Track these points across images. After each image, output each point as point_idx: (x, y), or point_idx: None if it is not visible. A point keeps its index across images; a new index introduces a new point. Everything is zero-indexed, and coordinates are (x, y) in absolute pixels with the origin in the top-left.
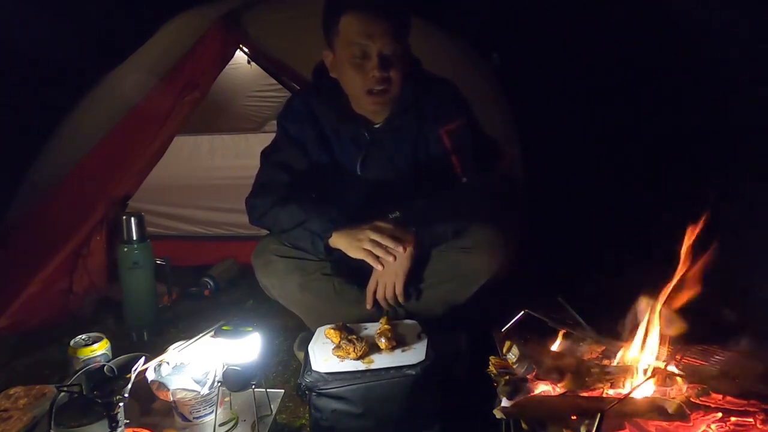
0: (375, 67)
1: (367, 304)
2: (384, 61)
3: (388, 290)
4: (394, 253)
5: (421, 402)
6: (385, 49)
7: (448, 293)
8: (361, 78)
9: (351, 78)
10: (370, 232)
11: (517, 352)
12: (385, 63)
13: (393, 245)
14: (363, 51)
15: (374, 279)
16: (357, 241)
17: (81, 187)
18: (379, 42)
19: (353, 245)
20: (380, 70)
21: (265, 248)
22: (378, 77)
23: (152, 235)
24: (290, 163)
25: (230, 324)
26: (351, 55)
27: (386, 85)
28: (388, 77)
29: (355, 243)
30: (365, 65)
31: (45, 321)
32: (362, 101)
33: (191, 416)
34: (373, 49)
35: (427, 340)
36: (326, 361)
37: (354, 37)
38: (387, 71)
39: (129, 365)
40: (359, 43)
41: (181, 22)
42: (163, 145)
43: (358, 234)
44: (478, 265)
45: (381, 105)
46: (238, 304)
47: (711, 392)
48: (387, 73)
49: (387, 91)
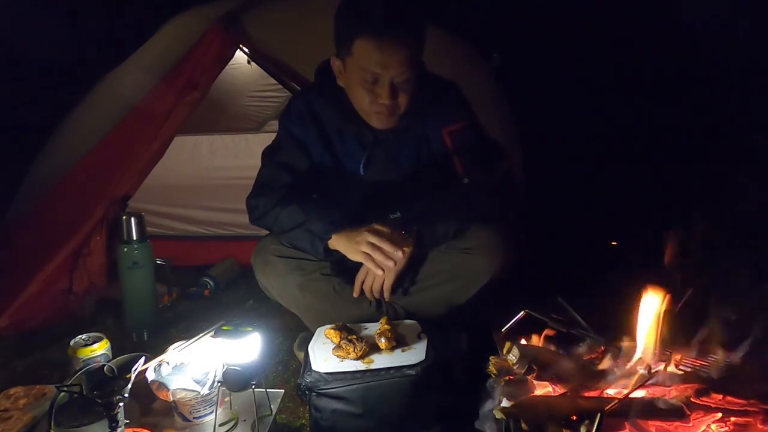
0: (386, 95)
1: (354, 292)
2: (394, 90)
3: (376, 284)
4: (393, 258)
5: (421, 402)
6: (398, 78)
7: (449, 294)
8: (369, 100)
9: (359, 96)
10: (369, 235)
11: (517, 353)
12: (395, 92)
13: (391, 249)
14: (375, 78)
15: (365, 269)
16: (355, 244)
17: (81, 187)
18: (393, 71)
19: (351, 248)
20: (390, 98)
21: (265, 248)
22: (388, 105)
23: (152, 235)
24: (292, 163)
25: (230, 324)
26: (362, 79)
27: (394, 108)
28: (397, 103)
29: (353, 246)
30: (375, 90)
31: (45, 321)
32: (367, 116)
33: (191, 416)
34: (386, 78)
35: (427, 340)
36: (326, 361)
37: (367, 64)
38: (397, 98)
39: (129, 365)
40: (373, 71)
41: (180, 22)
42: (163, 145)
43: (356, 237)
44: (479, 266)
45: (386, 122)
46: (238, 304)
47: (711, 392)
48: (396, 100)
49: (394, 112)
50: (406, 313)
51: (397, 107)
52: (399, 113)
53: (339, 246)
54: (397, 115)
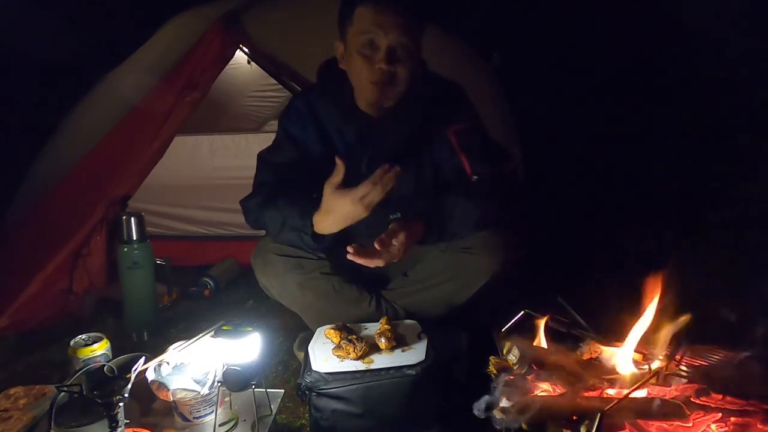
0: (382, 59)
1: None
2: (391, 55)
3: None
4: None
5: (421, 402)
6: (395, 42)
7: (449, 294)
8: (367, 69)
9: (358, 68)
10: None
11: (517, 353)
12: (392, 57)
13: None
14: (372, 41)
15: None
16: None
17: (81, 187)
18: (389, 34)
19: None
20: (386, 63)
21: (265, 247)
22: (384, 69)
23: (152, 235)
24: (289, 163)
25: (230, 324)
26: (360, 45)
27: (392, 80)
28: (394, 72)
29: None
30: (373, 56)
31: (45, 321)
32: (366, 91)
33: (191, 416)
34: (382, 40)
35: (427, 340)
36: (326, 361)
37: (365, 27)
38: (393, 65)
39: (129, 365)
40: (369, 33)
41: (180, 22)
42: (163, 145)
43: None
44: (479, 266)
45: (384, 97)
46: (238, 304)
47: (711, 392)
48: (393, 67)
49: (392, 85)
50: (406, 313)
51: (395, 79)
52: (397, 90)
53: (328, 224)
54: (395, 92)
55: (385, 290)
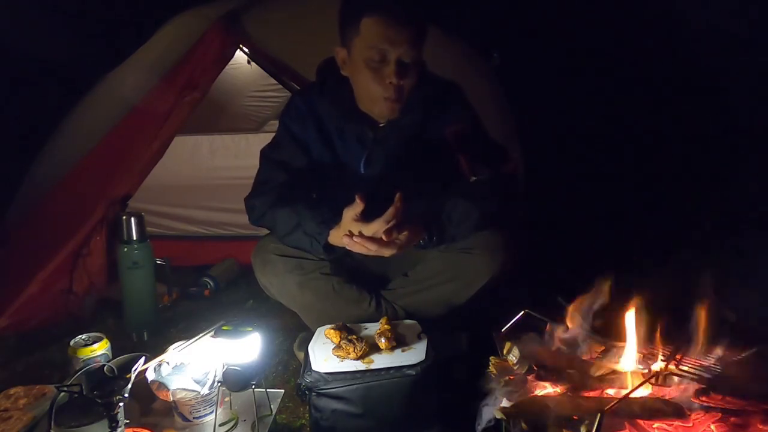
0: (392, 73)
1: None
2: (401, 69)
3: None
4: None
5: (421, 402)
6: (405, 57)
7: (449, 294)
8: (377, 84)
9: (366, 81)
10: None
11: (517, 353)
12: (402, 70)
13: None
14: (382, 55)
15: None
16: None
17: (81, 187)
18: (399, 48)
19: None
20: (397, 77)
21: (265, 247)
22: (395, 84)
23: (152, 235)
24: (290, 162)
25: (230, 324)
26: (369, 58)
27: (400, 93)
28: (402, 85)
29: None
30: (382, 70)
31: (45, 321)
32: (377, 106)
33: (191, 416)
34: (392, 54)
35: (427, 340)
36: (326, 361)
37: (375, 41)
38: (403, 79)
39: (129, 365)
40: (380, 48)
41: (180, 22)
42: (163, 145)
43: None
44: (479, 266)
45: (395, 111)
46: (238, 304)
47: (711, 392)
48: (402, 81)
49: (400, 96)
50: (406, 313)
51: (403, 91)
52: (402, 101)
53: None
54: (401, 102)
55: (385, 290)
